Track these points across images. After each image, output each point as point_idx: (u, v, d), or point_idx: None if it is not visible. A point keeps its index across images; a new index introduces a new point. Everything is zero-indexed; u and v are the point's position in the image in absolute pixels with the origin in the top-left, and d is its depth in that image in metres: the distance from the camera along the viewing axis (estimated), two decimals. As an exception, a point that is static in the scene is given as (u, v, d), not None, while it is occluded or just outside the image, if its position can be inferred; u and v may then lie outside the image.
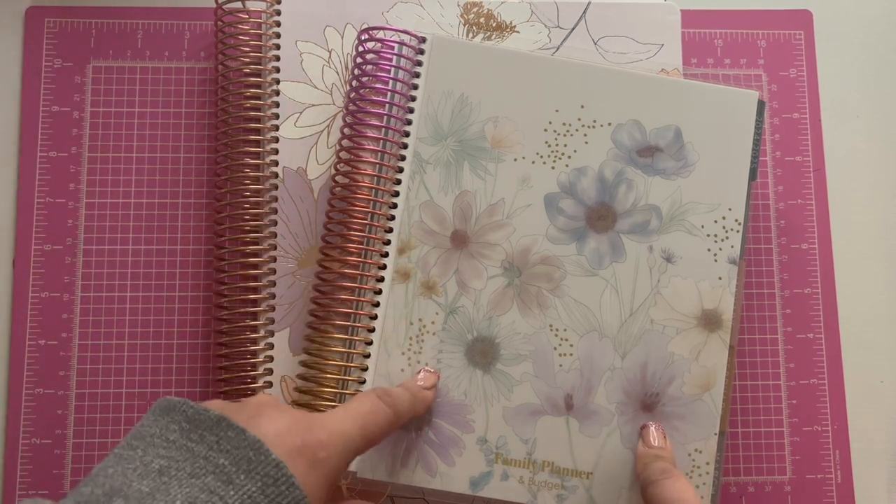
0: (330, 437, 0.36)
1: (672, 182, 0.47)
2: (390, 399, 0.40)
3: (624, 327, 0.46)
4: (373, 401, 0.40)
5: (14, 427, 0.48)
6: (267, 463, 0.33)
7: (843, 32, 0.55)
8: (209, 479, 0.32)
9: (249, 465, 0.33)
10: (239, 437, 0.34)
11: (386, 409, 0.40)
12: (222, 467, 0.33)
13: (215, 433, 0.34)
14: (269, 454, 0.33)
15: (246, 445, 0.33)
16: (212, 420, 0.34)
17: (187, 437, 0.34)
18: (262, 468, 0.33)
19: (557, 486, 0.45)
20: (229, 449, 0.33)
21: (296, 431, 0.35)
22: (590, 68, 0.48)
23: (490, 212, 0.47)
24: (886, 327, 0.52)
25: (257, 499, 0.32)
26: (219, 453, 0.33)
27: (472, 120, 0.47)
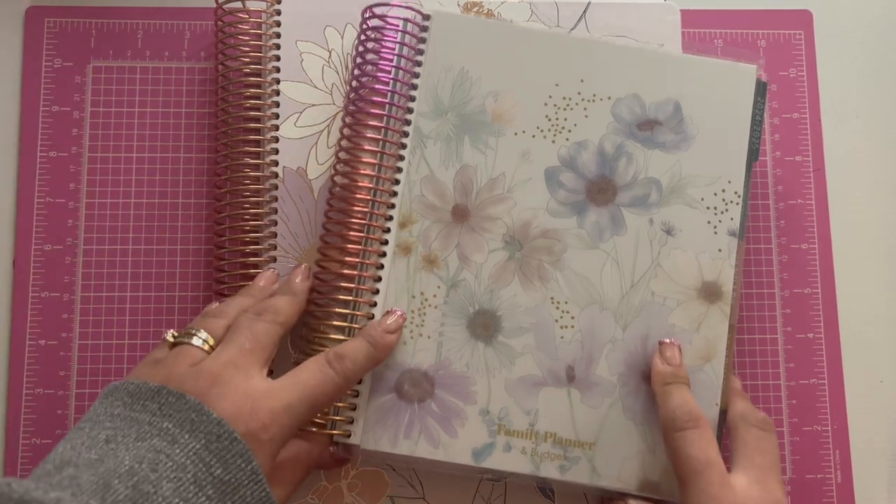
0: (273, 417, 0.37)
1: (672, 155, 0.47)
2: (340, 365, 0.41)
3: (625, 299, 0.46)
4: (321, 369, 0.40)
5: (14, 427, 0.48)
6: (209, 422, 0.35)
7: (843, 32, 0.55)
8: (155, 441, 0.34)
9: (192, 426, 0.34)
10: (179, 401, 0.35)
11: (334, 376, 0.40)
12: (166, 430, 0.34)
13: (156, 401, 0.35)
14: (210, 414, 0.35)
15: (188, 408, 0.35)
16: (152, 390, 0.36)
17: (130, 408, 0.35)
18: (205, 426, 0.35)
19: (560, 457, 0.45)
20: (171, 413, 0.35)
21: (238, 418, 0.36)
22: (589, 42, 0.49)
23: (491, 186, 0.47)
24: (886, 327, 0.52)
25: (202, 454, 0.34)
26: (161, 418, 0.35)
27: (472, 94, 0.48)
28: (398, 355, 0.46)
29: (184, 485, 0.33)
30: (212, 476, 0.34)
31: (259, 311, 0.42)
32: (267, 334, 0.41)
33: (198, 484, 0.33)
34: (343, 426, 0.45)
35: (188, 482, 0.33)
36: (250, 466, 0.35)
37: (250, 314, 0.41)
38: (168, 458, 0.33)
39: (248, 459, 0.35)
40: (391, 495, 0.48)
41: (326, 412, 0.44)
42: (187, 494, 0.33)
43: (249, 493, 0.34)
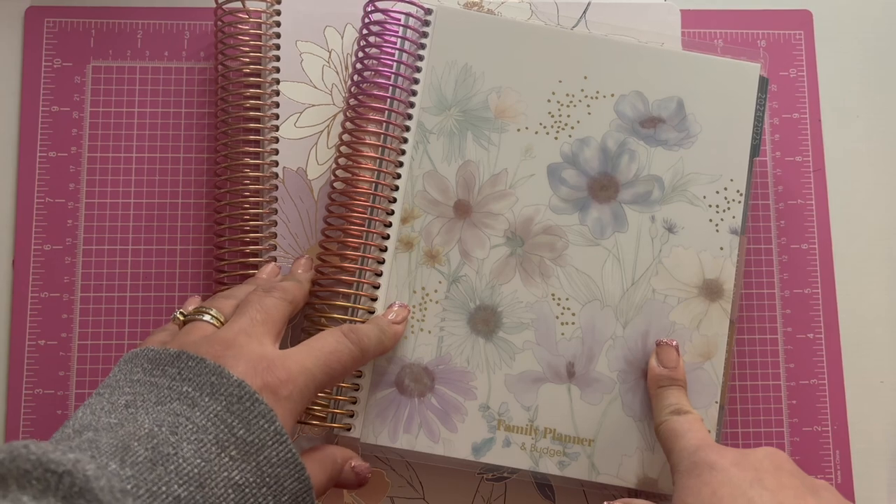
0: (290, 374, 0.36)
1: (674, 153, 0.47)
2: (355, 336, 0.41)
3: (625, 296, 0.46)
4: (337, 338, 0.40)
5: (14, 427, 0.48)
6: (230, 384, 0.34)
7: (843, 32, 0.55)
8: (175, 405, 0.33)
9: (213, 389, 0.34)
10: (199, 365, 0.35)
11: (350, 345, 0.40)
12: (186, 394, 0.34)
13: (176, 366, 0.35)
14: (230, 376, 0.34)
15: (208, 372, 0.35)
16: (171, 355, 0.36)
17: (150, 374, 0.35)
18: (226, 389, 0.34)
19: (559, 453, 0.45)
20: (191, 377, 0.34)
21: (255, 373, 0.35)
22: (593, 39, 0.49)
23: (493, 182, 0.47)
24: (886, 327, 0.52)
25: (224, 416, 0.33)
26: (181, 382, 0.34)
27: (475, 90, 0.48)
28: (399, 349, 0.46)
29: (205, 445, 0.32)
30: (234, 437, 0.33)
31: (268, 288, 0.42)
32: (277, 308, 0.41)
33: (220, 445, 0.33)
34: (343, 420, 0.45)
35: (210, 443, 0.32)
36: (273, 427, 0.34)
37: (259, 291, 0.41)
38: (188, 421, 0.33)
39: (271, 420, 0.34)
40: (391, 495, 0.48)
41: (327, 405, 0.44)
42: (209, 455, 0.32)
43: (275, 454, 0.34)
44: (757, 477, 0.36)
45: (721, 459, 0.37)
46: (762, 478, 0.36)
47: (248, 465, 0.33)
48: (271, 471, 0.33)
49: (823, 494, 0.37)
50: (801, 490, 0.36)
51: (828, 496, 0.37)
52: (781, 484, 0.36)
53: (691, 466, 0.38)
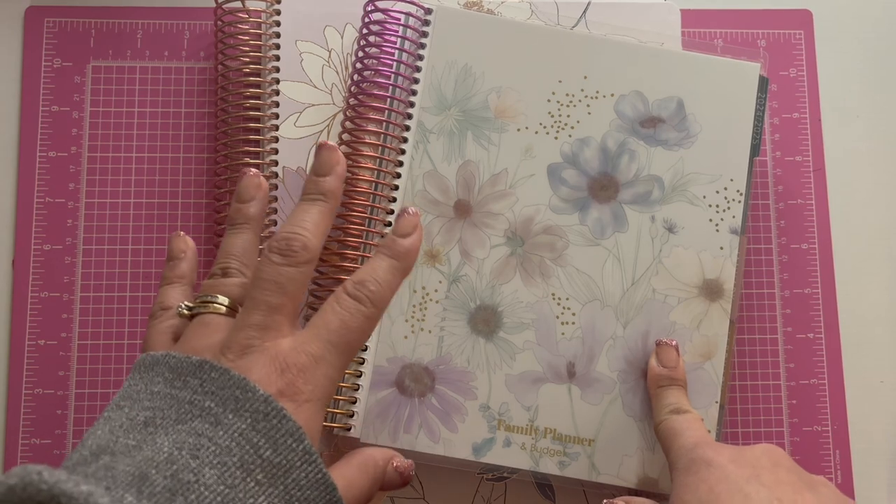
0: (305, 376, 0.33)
1: (674, 153, 0.47)
2: (364, 290, 0.36)
3: (626, 296, 0.46)
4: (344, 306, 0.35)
5: (14, 427, 0.48)
6: (255, 399, 0.31)
7: (843, 32, 0.55)
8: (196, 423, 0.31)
9: (237, 404, 0.31)
10: (223, 377, 0.32)
11: (358, 306, 0.36)
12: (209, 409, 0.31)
13: (198, 376, 0.32)
14: (257, 390, 0.32)
15: (231, 384, 0.32)
16: (193, 364, 0.33)
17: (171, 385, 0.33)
18: (251, 405, 0.31)
19: (559, 453, 0.45)
20: (214, 390, 0.32)
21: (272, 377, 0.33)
22: (593, 39, 0.49)
23: (493, 181, 0.47)
24: (886, 327, 0.52)
25: (249, 435, 0.31)
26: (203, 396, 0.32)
27: (475, 90, 0.48)
28: (399, 349, 0.46)
29: (229, 470, 0.30)
30: (260, 458, 0.30)
31: (282, 247, 0.36)
32: (294, 281, 0.35)
33: (245, 468, 0.30)
34: (343, 420, 0.45)
35: (234, 466, 0.30)
36: (302, 446, 0.31)
37: (274, 255, 0.35)
38: (210, 442, 0.30)
39: (299, 438, 0.31)
40: (391, 495, 0.48)
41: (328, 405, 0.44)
42: (233, 480, 0.30)
43: (304, 476, 0.31)
44: (754, 473, 0.36)
45: (718, 456, 0.37)
46: (759, 474, 0.36)
47: (275, 489, 0.30)
48: (300, 494, 0.31)
49: (821, 490, 0.37)
50: (798, 486, 0.36)
51: (826, 492, 0.37)
52: (778, 480, 0.36)
53: (689, 464, 0.38)
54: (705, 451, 0.38)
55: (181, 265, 0.41)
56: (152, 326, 0.38)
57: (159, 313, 0.38)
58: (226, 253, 0.39)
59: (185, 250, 0.41)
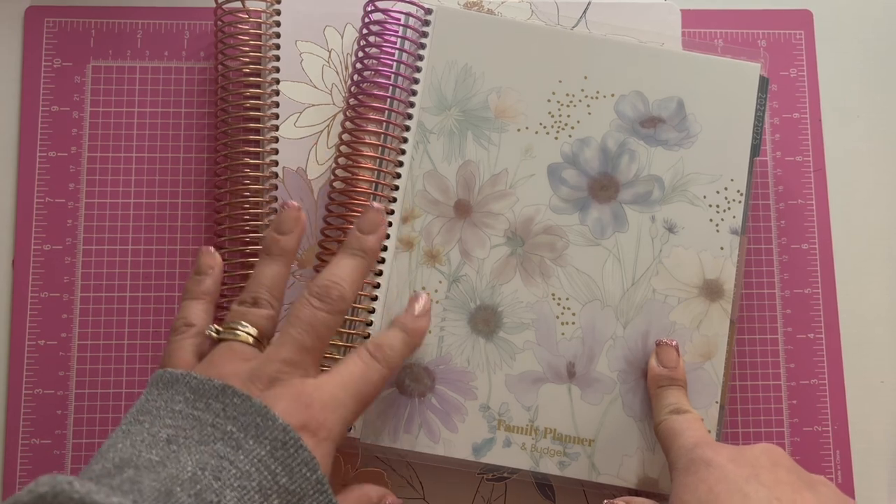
0: (325, 416, 0.36)
1: (674, 153, 0.47)
2: (382, 353, 0.40)
3: (626, 296, 0.46)
4: (365, 360, 0.39)
5: (14, 427, 0.48)
6: (274, 427, 0.33)
7: (843, 32, 0.55)
8: (218, 446, 0.33)
9: (257, 431, 0.33)
10: (245, 403, 0.34)
11: (379, 366, 0.39)
12: (230, 434, 0.33)
13: (221, 401, 0.34)
14: (276, 419, 0.34)
15: (253, 412, 0.34)
16: (217, 388, 0.34)
17: (193, 406, 0.34)
18: (270, 433, 0.33)
19: (559, 453, 0.45)
20: (236, 415, 0.34)
21: (295, 411, 0.35)
22: (593, 40, 0.49)
23: (493, 181, 0.47)
24: (886, 327, 0.52)
25: (267, 462, 0.33)
26: (226, 420, 0.34)
27: (475, 90, 0.48)
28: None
29: (248, 493, 0.32)
30: (277, 485, 0.32)
31: (321, 293, 0.39)
32: (327, 327, 0.38)
33: (263, 493, 0.32)
34: None
35: (253, 491, 0.32)
36: (315, 476, 0.33)
37: (312, 299, 0.39)
38: (232, 465, 0.32)
39: (313, 468, 0.33)
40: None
41: None
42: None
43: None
44: (753, 473, 0.36)
45: (717, 456, 0.37)
46: (758, 474, 0.36)
47: None
48: None
49: (821, 489, 0.37)
50: (797, 485, 0.36)
51: (825, 491, 0.37)
52: (778, 479, 0.36)
53: (688, 464, 0.38)
54: (704, 450, 0.38)
55: (206, 281, 0.42)
56: (175, 341, 0.39)
57: (183, 328, 0.40)
58: (258, 282, 0.40)
59: (213, 266, 0.43)
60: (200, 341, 0.39)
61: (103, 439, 0.48)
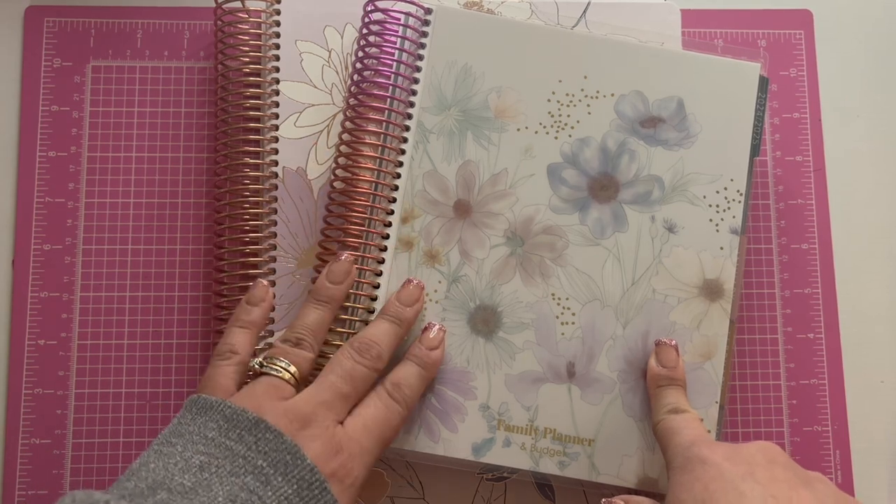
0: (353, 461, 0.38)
1: (674, 153, 0.47)
2: (400, 394, 0.42)
3: (626, 296, 0.46)
4: (386, 404, 0.41)
5: (14, 427, 0.48)
6: (303, 467, 0.35)
7: (843, 32, 0.55)
8: (248, 479, 0.34)
9: (286, 469, 0.35)
10: (277, 440, 0.35)
11: (399, 408, 0.41)
12: (261, 468, 0.34)
13: (254, 434, 0.35)
14: (305, 459, 0.35)
15: (283, 449, 0.35)
16: (250, 421, 0.36)
17: (226, 435, 0.35)
18: (299, 472, 0.35)
19: (559, 453, 0.45)
20: (267, 451, 0.35)
21: (327, 457, 0.36)
22: (593, 39, 0.49)
23: (493, 181, 0.47)
24: (886, 327, 0.52)
25: (293, 500, 0.34)
26: (257, 454, 0.35)
27: (475, 90, 0.48)
28: (399, 350, 0.45)
29: None
30: None
31: (361, 349, 0.42)
32: (365, 381, 0.41)
33: None
34: None
35: None
36: None
37: (353, 352, 0.42)
38: (260, 501, 0.33)
39: None
40: (391, 495, 0.48)
41: None
42: None
43: None
44: (749, 471, 0.36)
45: (713, 454, 0.37)
46: (754, 471, 0.36)
47: None
48: None
49: (817, 486, 0.37)
50: (793, 483, 0.36)
51: (822, 488, 0.37)
52: (774, 477, 0.36)
53: (684, 462, 0.38)
54: (700, 449, 0.38)
55: (255, 312, 0.44)
56: (218, 366, 0.41)
57: (228, 355, 0.42)
58: (303, 324, 0.43)
59: (265, 300, 0.45)
60: (242, 370, 0.41)
61: (103, 439, 0.48)
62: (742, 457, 0.37)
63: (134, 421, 0.48)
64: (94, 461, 0.48)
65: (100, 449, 0.48)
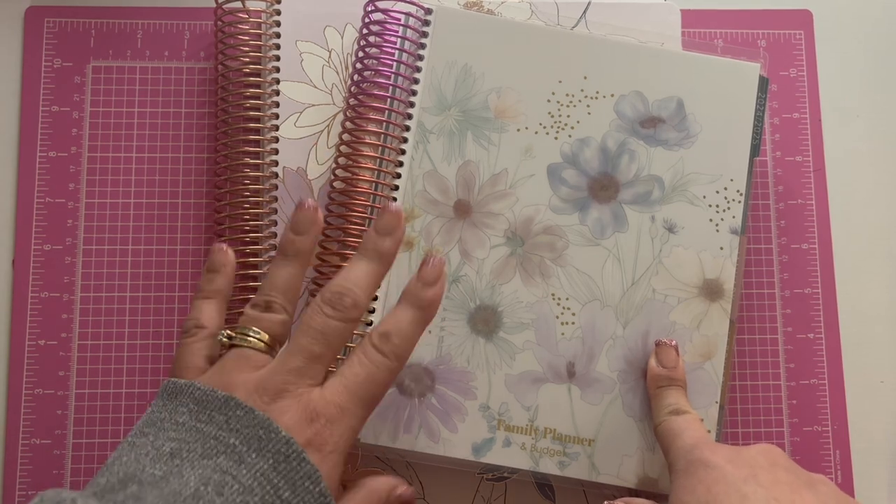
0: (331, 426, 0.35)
1: (674, 153, 0.47)
2: (389, 345, 0.37)
3: (626, 296, 0.46)
4: (371, 357, 0.37)
5: (14, 427, 0.48)
6: (277, 440, 0.33)
7: (843, 32, 0.55)
8: (221, 460, 0.32)
9: (260, 444, 0.33)
10: (248, 416, 0.34)
11: (385, 362, 0.37)
12: (233, 447, 0.33)
13: (224, 413, 0.34)
14: (279, 431, 0.33)
15: (256, 424, 0.33)
16: (220, 400, 0.34)
17: (196, 418, 0.34)
18: (273, 445, 0.33)
19: (559, 453, 0.45)
20: (239, 428, 0.33)
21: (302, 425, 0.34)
22: (593, 39, 0.49)
23: (493, 181, 0.47)
24: (886, 327, 0.52)
25: (270, 476, 0.32)
26: (229, 433, 0.33)
27: (475, 90, 0.48)
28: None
29: None
30: (279, 499, 0.32)
31: (333, 299, 0.37)
32: (339, 335, 0.37)
33: None
34: None
35: None
36: (318, 488, 0.33)
37: (324, 307, 0.37)
38: (234, 480, 0.32)
39: (316, 481, 0.33)
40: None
41: None
42: None
43: None
44: (751, 473, 0.36)
45: (715, 457, 0.37)
46: (756, 474, 0.36)
47: None
48: None
49: (820, 488, 0.37)
50: (796, 485, 0.36)
51: (825, 490, 0.37)
52: (776, 479, 0.36)
53: (687, 465, 0.38)
54: (703, 451, 0.38)
55: (218, 279, 0.41)
56: (186, 345, 0.39)
57: (194, 330, 0.39)
58: (271, 285, 0.39)
59: (226, 264, 0.42)
60: (211, 343, 0.39)
61: (103, 439, 0.48)
62: (744, 459, 0.37)
63: (134, 421, 0.48)
64: (94, 461, 0.48)
65: (100, 449, 0.48)
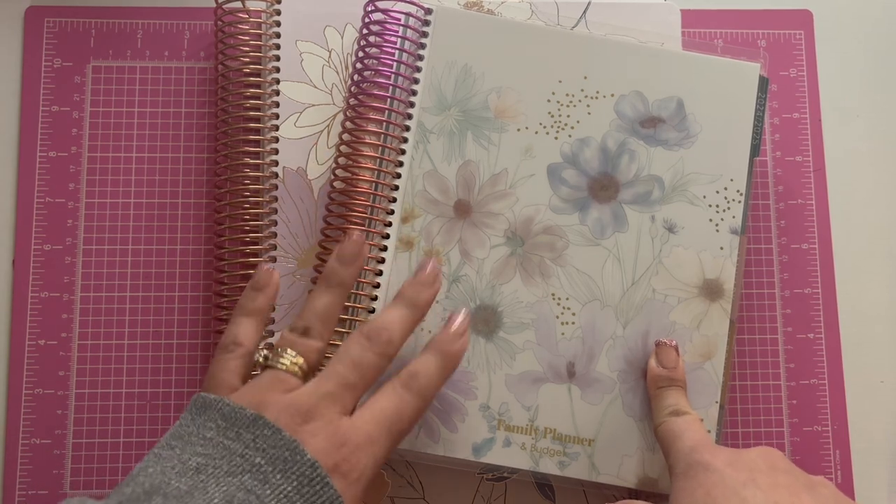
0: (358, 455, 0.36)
1: (674, 153, 0.47)
2: (416, 384, 0.39)
3: (626, 296, 0.46)
4: (399, 395, 0.38)
5: (14, 427, 0.48)
6: (302, 463, 0.33)
7: (843, 32, 0.55)
8: (246, 478, 0.33)
9: (285, 465, 0.33)
10: (275, 436, 0.34)
11: (413, 399, 0.38)
12: (259, 466, 0.33)
13: (251, 431, 0.34)
14: (305, 454, 0.34)
15: (282, 445, 0.34)
16: (248, 418, 0.35)
17: (224, 434, 0.34)
18: (298, 468, 0.33)
19: (559, 453, 0.45)
20: (265, 448, 0.34)
21: (330, 451, 0.35)
22: (593, 39, 0.49)
23: (493, 181, 0.47)
24: (886, 327, 0.52)
25: (293, 498, 0.33)
26: (255, 452, 0.34)
27: (475, 90, 0.48)
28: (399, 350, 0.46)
29: None
30: None
31: (371, 334, 0.39)
32: (375, 369, 0.38)
33: None
34: None
35: None
36: None
37: (362, 339, 0.39)
38: (258, 500, 0.32)
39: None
40: (391, 495, 0.48)
41: None
42: None
43: None
44: (751, 477, 0.36)
45: (715, 460, 0.37)
46: (756, 477, 0.36)
47: None
48: None
49: (820, 490, 0.37)
50: (795, 488, 0.36)
51: (825, 492, 0.37)
52: (776, 483, 0.36)
53: (686, 468, 0.38)
54: (702, 454, 0.38)
55: (260, 298, 0.42)
56: (222, 360, 0.39)
57: (231, 347, 0.39)
58: (311, 311, 0.40)
59: (270, 285, 0.42)
60: (247, 362, 0.39)
61: (103, 439, 0.48)
62: (744, 462, 0.37)
63: (134, 421, 0.48)
64: (94, 461, 0.48)
65: (100, 449, 0.48)
